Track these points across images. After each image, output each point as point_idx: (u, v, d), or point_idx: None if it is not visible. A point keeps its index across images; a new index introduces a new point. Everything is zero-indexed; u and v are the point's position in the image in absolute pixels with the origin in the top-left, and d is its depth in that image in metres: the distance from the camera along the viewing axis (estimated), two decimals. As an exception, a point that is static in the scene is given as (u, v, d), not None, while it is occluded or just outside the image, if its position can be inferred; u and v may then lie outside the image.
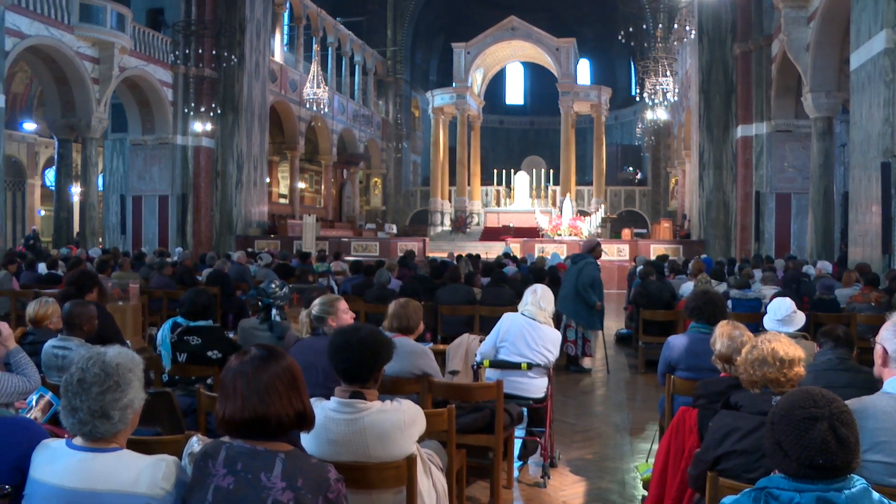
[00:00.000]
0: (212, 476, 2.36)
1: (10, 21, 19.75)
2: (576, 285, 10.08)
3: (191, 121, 26.81)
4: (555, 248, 24.85)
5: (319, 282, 12.03)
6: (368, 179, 44.76)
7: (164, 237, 26.86)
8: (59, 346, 4.94)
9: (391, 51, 43.50)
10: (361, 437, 3.15)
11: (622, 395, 9.04)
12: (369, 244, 28.81)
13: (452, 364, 5.94)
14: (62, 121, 23.61)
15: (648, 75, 27.73)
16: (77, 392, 2.39)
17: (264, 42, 29.49)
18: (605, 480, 5.79)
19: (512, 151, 49.80)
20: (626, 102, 46.02)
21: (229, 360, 2.56)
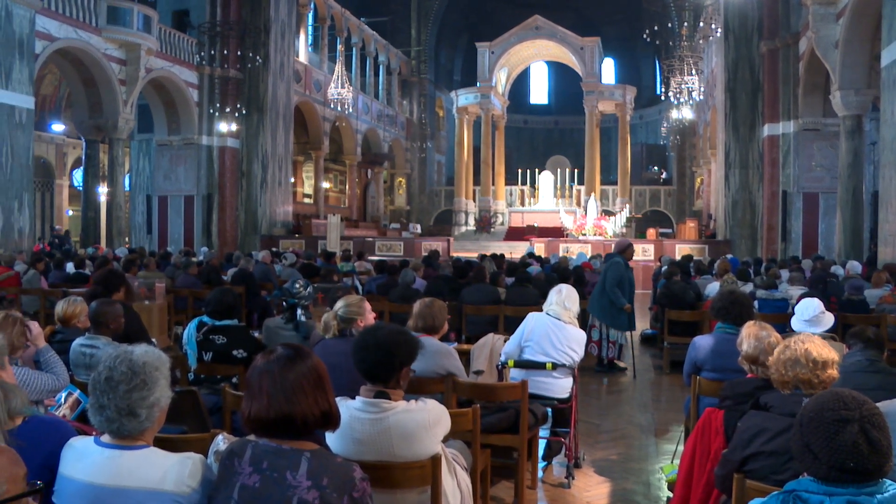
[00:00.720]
0: (238, 474, 2.37)
1: (40, 24, 20.01)
2: (603, 286, 10.05)
3: (216, 121, 26.97)
4: (579, 247, 24.77)
5: (344, 281, 12.04)
6: (393, 179, 44.83)
7: (190, 237, 27.04)
8: (86, 344, 4.99)
9: (415, 50, 43.54)
10: (386, 437, 3.15)
11: (647, 395, 8.99)
12: (393, 244, 28.85)
13: (477, 364, 5.93)
14: (90, 122, 23.85)
15: (674, 74, 27.55)
16: (105, 390, 2.42)
17: (289, 42, 29.61)
18: (630, 481, 5.75)
19: (536, 151, 49.66)
20: (650, 101, 45.77)
21: (255, 359, 2.57)
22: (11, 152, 19.20)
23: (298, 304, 6.00)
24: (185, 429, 4.18)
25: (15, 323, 4.33)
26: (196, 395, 4.56)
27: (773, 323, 4.98)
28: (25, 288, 11.92)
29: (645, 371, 10.44)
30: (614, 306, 9.98)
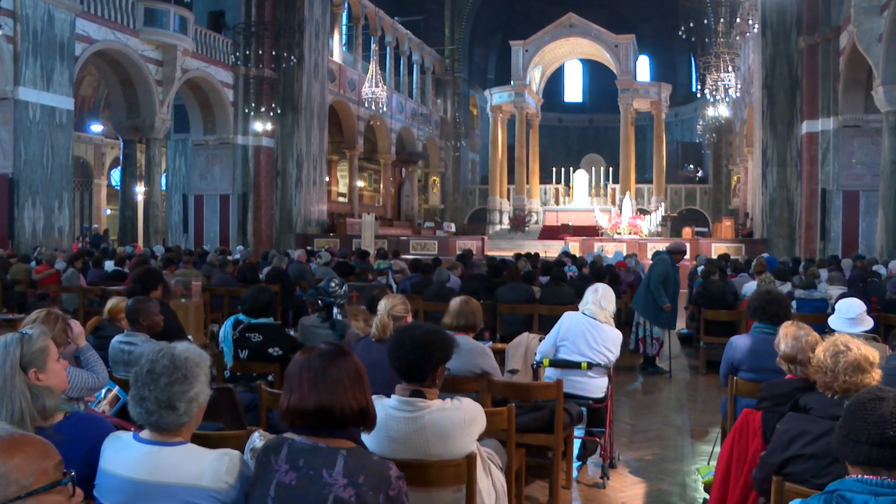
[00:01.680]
0: (274, 472, 2.39)
1: (79, 27, 20.37)
2: (648, 283, 10.00)
3: (251, 121, 27.20)
4: (614, 246, 24.63)
5: (378, 280, 12.07)
6: (427, 178, 44.87)
7: (225, 235, 27.29)
8: (125, 341, 5.07)
9: (449, 49, 43.54)
10: (422, 436, 3.15)
11: (683, 395, 8.91)
12: (428, 243, 28.88)
13: (512, 363, 5.92)
14: (127, 122, 24.20)
15: (710, 71, 27.24)
16: (146, 382, 2.46)
17: (323, 42, 29.77)
18: (666, 482, 5.71)
19: (571, 149, 49.41)
20: (686, 99, 45.35)
21: (296, 355, 2.60)
22: (52, 152, 19.55)
23: (334, 303, 6.03)
24: (221, 426, 4.21)
25: (57, 320, 4.41)
26: (232, 393, 4.60)
27: (811, 323, 4.90)
28: (65, 286, 12.10)
29: (681, 371, 10.35)
30: (656, 303, 9.93)
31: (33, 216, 19.20)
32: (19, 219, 18.89)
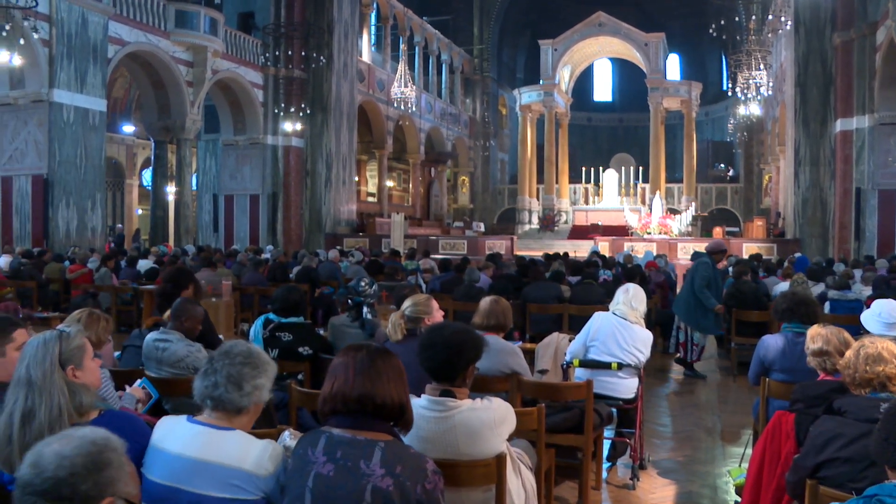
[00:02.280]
0: (311, 463, 2.44)
1: (112, 30, 20.65)
2: (691, 286, 9.80)
3: (281, 121, 27.36)
4: (644, 246, 24.49)
5: (408, 280, 12.09)
6: (456, 178, 44.88)
7: (255, 235, 27.48)
8: (160, 338, 5.12)
9: (478, 49, 43.51)
10: (452, 435, 3.14)
11: (713, 397, 8.84)
12: (457, 242, 28.86)
13: (542, 363, 5.90)
14: (158, 123, 24.45)
15: (741, 69, 26.96)
16: (220, 358, 2.66)
17: (352, 42, 29.87)
18: (696, 484, 5.66)
19: (600, 149, 49.19)
20: (717, 97, 44.95)
21: (342, 350, 2.68)
22: (85, 153, 19.82)
23: (364, 303, 6.05)
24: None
25: (99, 320, 4.52)
26: (263, 391, 4.61)
27: (845, 325, 4.85)
28: (98, 285, 12.24)
29: (711, 372, 10.27)
30: (700, 307, 9.72)
31: (67, 216, 19.47)
32: (53, 219, 19.16)
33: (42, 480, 1.71)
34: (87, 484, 1.73)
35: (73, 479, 1.71)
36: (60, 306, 12.07)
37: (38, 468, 1.73)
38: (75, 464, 1.73)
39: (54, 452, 1.76)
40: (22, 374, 2.67)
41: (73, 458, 1.74)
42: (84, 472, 1.73)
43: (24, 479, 1.74)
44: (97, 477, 1.75)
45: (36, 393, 2.63)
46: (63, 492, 1.71)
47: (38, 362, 2.67)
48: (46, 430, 2.59)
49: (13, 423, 2.60)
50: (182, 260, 14.87)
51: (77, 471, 1.73)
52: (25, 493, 1.72)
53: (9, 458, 2.60)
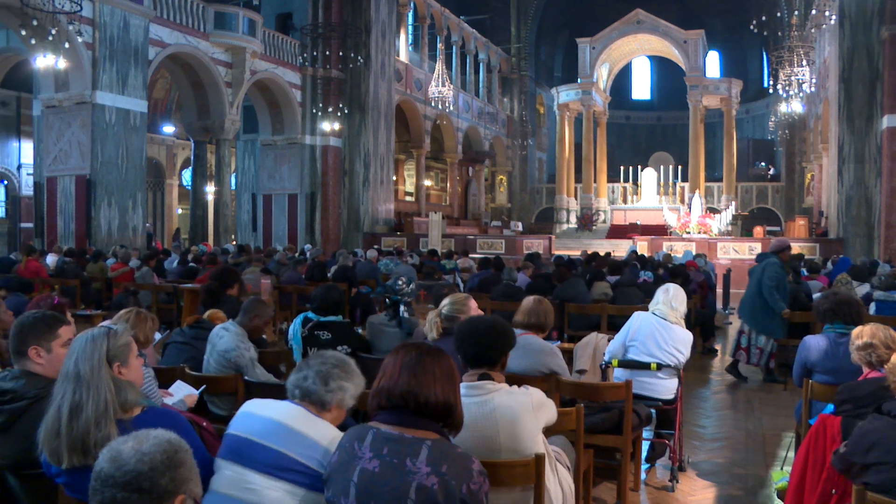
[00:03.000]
0: (357, 458, 2.46)
1: (153, 32, 20.96)
2: (758, 288, 9.35)
3: (319, 121, 27.53)
4: (683, 246, 24.24)
5: (446, 279, 12.11)
6: (494, 177, 44.83)
7: (294, 234, 27.68)
8: (224, 327, 5.37)
9: (515, 48, 43.40)
10: (491, 420, 3.15)
11: (754, 398, 8.70)
12: (495, 242, 28.81)
13: (580, 363, 5.86)
14: (198, 123, 24.76)
15: (782, 65, 26.56)
16: (314, 357, 2.85)
17: (389, 42, 29.96)
18: (736, 487, 5.59)
19: (639, 147, 48.87)
20: (757, 95, 44.39)
21: (393, 349, 2.70)
22: (127, 154, 20.14)
23: (401, 301, 6.06)
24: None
25: (146, 319, 4.61)
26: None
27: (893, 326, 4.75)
28: (139, 283, 12.41)
29: (752, 373, 10.13)
30: (766, 310, 9.26)
31: (109, 215, 19.78)
32: (96, 218, 19.49)
33: (123, 474, 1.79)
34: (165, 479, 1.81)
35: (152, 473, 1.80)
36: (102, 304, 12.26)
37: (118, 462, 1.81)
38: (154, 459, 1.81)
39: (132, 448, 1.83)
40: (70, 369, 2.72)
41: (152, 454, 1.82)
42: (162, 467, 1.82)
43: (104, 473, 1.81)
44: (174, 473, 1.83)
45: (84, 387, 2.68)
46: (143, 484, 1.78)
47: (86, 357, 2.72)
48: (93, 425, 2.64)
49: (61, 416, 2.66)
50: (223, 259, 15.02)
51: (156, 465, 1.81)
52: (106, 485, 1.79)
53: (56, 451, 2.66)
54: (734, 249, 24.51)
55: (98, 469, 1.82)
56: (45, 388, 3.04)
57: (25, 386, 3.09)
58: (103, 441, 2.57)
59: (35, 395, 3.06)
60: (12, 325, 3.31)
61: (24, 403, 3.05)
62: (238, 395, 4.89)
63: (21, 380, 3.12)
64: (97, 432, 2.63)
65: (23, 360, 3.20)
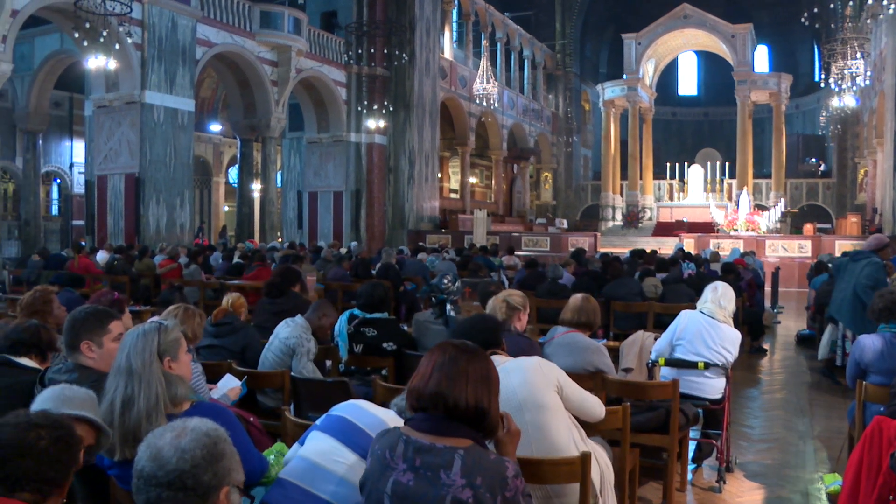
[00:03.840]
0: (391, 469, 2.41)
1: (200, 32, 21.25)
2: (854, 287, 8.77)
3: (364, 119, 27.65)
4: (731, 243, 23.91)
5: (491, 276, 12.09)
6: (539, 174, 44.68)
7: (339, 231, 27.84)
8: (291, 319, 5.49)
9: (560, 44, 43.17)
10: (508, 380, 3.37)
11: (804, 399, 8.52)
12: (540, 239, 28.67)
13: (626, 361, 5.80)
14: (244, 122, 25.03)
15: (835, 59, 26.01)
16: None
17: (434, 40, 29.98)
18: (786, 489, 5.47)
19: (685, 144, 48.39)
20: (808, 89, 43.61)
21: (432, 347, 2.66)
22: (175, 152, 20.44)
23: (447, 300, 6.06)
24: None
25: (194, 315, 4.67)
26: (347, 386, 4.68)
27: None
28: (186, 279, 12.58)
29: (802, 374, 9.96)
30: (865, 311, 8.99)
31: (157, 213, 20.10)
32: (145, 216, 19.82)
33: (166, 473, 1.79)
34: (208, 474, 1.82)
35: (195, 470, 1.80)
36: (151, 300, 12.45)
37: (160, 461, 1.81)
38: (195, 456, 1.81)
39: (172, 445, 1.83)
40: (122, 363, 2.77)
41: (192, 450, 1.82)
42: (204, 463, 1.82)
43: (146, 472, 1.81)
44: (216, 467, 1.83)
45: (136, 381, 2.73)
46: (187, 482, 1.79)
47: (138, 352, 2.76)
48: (144, 419, 2.68)
49: (114, 409, 2.71)
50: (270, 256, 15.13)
51: (198, 462, 1.81)
52: (150, 484, 1.80)
53: (109, 443, 2.70)
54: (783, 247, 24.09)
55: (139, 467, 1.83)
56: (97, 381, 3.09)
57: (79, 379, 3.14)
58: None
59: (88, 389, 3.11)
60: (67, 319, 3.38)
61: (78, 396, 3.10)
62: (285, 389, 4.95)
63: (74, 373, 3.18)
64: (148, 425, 2.67)
65: (76, 354, 3.27)
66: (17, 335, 3.74)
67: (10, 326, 3.89)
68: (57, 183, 31.54)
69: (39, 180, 26.79)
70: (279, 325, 5.47)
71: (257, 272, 12.17)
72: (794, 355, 11.27)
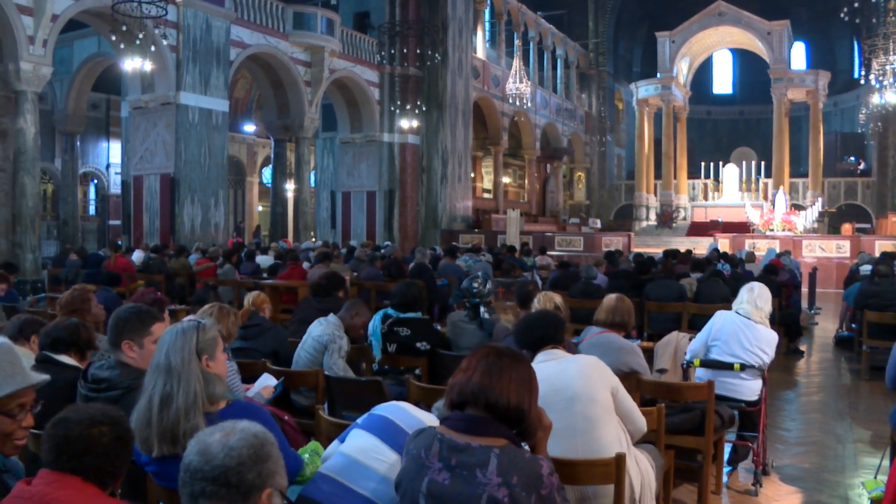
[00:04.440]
0: (426, 468, 2.42)
1: (234, 33, 21.44)
2: None
3: (397, 118, 27.69)
4: (766, 243, 23.62)
5: (524, 276, 12.04)
6: (572, 174, 44.49)
7: (372, 231, 27.91)
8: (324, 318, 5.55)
9: (593, 43, 42.94)
10: (565, 373, 3.45)
11: (843, 402, 8.38)
12: (573, 239, 28.53)
13: (660, 362, 5.75)
14: (278, 122, 25.21)
15: (876, 54, 25.53)
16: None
17: (466, 39, 29.96)
18: (825, 494, 5.38)
19: (720, 143, 47.92)
20: (847, 86, 42.93)
21: (476, 348, 2.67)
22: (209, 152, 20.65)
23: (480, 303, 6.05)
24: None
25: (229, 314, 4.71)
26: (381, 385, 4.69)
27: None
28: (221, 279, 12.68)
29: (840, 376, 9.81)
30: None
31: (192, 213, 20.30)
32: (180, 215, 20.02)
33: (212, 468, 1.83)
34: (252, 473, 1.85)
35: (240, 467, 1.84)
36: (185, 299, 12.57)
37: (207, 456, 1.85)
38: (242, 454, 1.85)
39: (220, 443, 1.87)
40: (161, 361, 2.79)
41: (239, 449, 1.86)
42: (250, 462, 1.86)
43: (193, 466, 1.86)
44: (261, 468, 1.87)
45: (174, 379, 2.75)
46: (231, 479, 1.83)
47: (177, 349, 2.79)
48: (182, 416, 2.70)
49: (153, 406, 2.74)
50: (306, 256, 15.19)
51: (244, 461, 1.85)
52: (195, 478, 1.84)
53: (147, 440, 2.73)
54: (820, 247, 23.76)
55: (187, 462, 1.87)
56: (137, 378, 3.14)
57: (120, 376, 3.21)
58: (191, 431, 2.65)
59: (129, 386, 3.18)
60: (111, 317, 3.42)
61: (119, 393, 3.16)
62: (318, 388, 4.97)
63: (116, 370, 3.23)
64: (186, 423, 2.71)
65: (117, 351, 3.31)
66: (58, 333, 3.81)
67: (51, 324, 3.96)
68: (94, 183, 32.01)
69: (77, 181, 27.16)
70: (312, 325, 5.50)
71: (290, 271, 12.25)
72: (832, 357, 11.11)
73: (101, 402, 3.00)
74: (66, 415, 2.23)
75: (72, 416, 2.22)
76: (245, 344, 5.61)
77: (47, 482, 2.13)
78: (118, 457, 2.23)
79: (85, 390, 3.20)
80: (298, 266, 12.61)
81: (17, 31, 16.59)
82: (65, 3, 17.45)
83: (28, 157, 17.19)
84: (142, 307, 3.50)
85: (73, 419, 2.20)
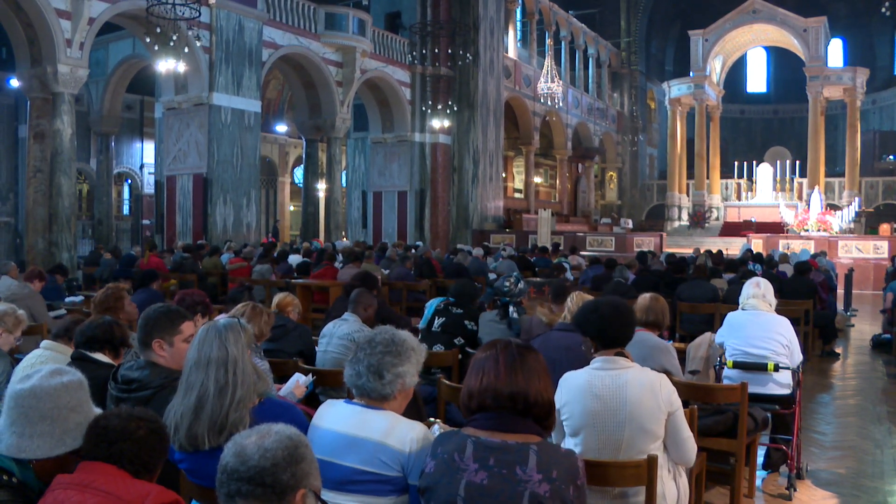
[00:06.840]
0: (462, 471, 2.39)
1: (266, 35, 21.59)
2: None
3: (428, 118, 27.71)
4: (801, 244, 23.34)
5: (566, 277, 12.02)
6: (603, 173, 44.27)
7: (403, 231, 27.95)
8: (340, 318, 5.64)
9: (625, 42, 42.69)
10: (623, 393, 3.25)
11: (881, 406, 8.20)
12: (605, 239, 28.40)
13: (693, 363, 5.69)
14: (309, 122, 25.33)
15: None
16: (363, 347, 2.78)
17: (498, 39, 29.92)
18: (862, 500, 5.28)
19: (753, 142, 47.39)
20: (886, 83, 42.26)
21: (483, 346, 2.64)
22: (241, 152, 20.81)
23: (511, 302, 6.07)
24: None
25: (262, 313, 4.74)
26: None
27: None
28: (255, 279, 12.73)
29: (878, 379, 9.65)
30: None
31: (224, 212, 20.46)
32: (212, 215, 20.20)
33: (247, 469, 1.88)
34: (287, 474, 1.90)
35: (275, 468, 1.89)
36: (218, 298, 12.64)
37: (243, 457, 1.90)
38: (276, 455, 1.90)
39: (256, 444, 1.92)
40: (213, 354, 2.81)
41: (274, 450, 1.91)
42: (284, 463, 1.90)
43: (230, 467, 1.91)
44: (295, 469, 1.92)
45: (232, 370, 2.79)
46: (266, 479, 1.88)
47: (232, 342, 2.83)
48: (234, 407, 2.76)
49: (205, 398, 2.76)
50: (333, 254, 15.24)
51: (278, 461, 1.90)
52: (232, 478, 1.90)
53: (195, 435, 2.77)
54: (857, 248, 23.43)
55: (224, 462, 1.93)
56: (167, 378, 3.17)
57: (150, 376, 3.22)
58: (238, 422, 2.73)
59: (160, 385, 3.19)
60: (140, 316, 3.45)
61: (150, 392, 3.18)
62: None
63: (146, 370, 3.25)
64: (234, 413, 2.75)
65: (148, 351, 3.34)
66: (92, 331, 3.85)
67: (85, 323, 4.01)
68: (128, 183, 32.36)
69: (112, 181, 27.50)
70: (333, 324, 5.63)
71: (324, 271, 12.30)
72: (868, 360, 10.93)
73: (131, 403, 3.05)
74: (105, 414, 2.39)
75: (110, 413, 2.37)
76: (270, 345, 5.64)
77: (84, 470, 2.25)
78: (153, 448, 2.34)
79: (115, 391, 3.21)
80: (332, 266, 12.67)
81: (56, 34, 16.84)
82: (101, 7, 17.68)
83: (64, 157, 17.43)
84: (171, 306, 3.53)
85: (112, 415, 2.36)
